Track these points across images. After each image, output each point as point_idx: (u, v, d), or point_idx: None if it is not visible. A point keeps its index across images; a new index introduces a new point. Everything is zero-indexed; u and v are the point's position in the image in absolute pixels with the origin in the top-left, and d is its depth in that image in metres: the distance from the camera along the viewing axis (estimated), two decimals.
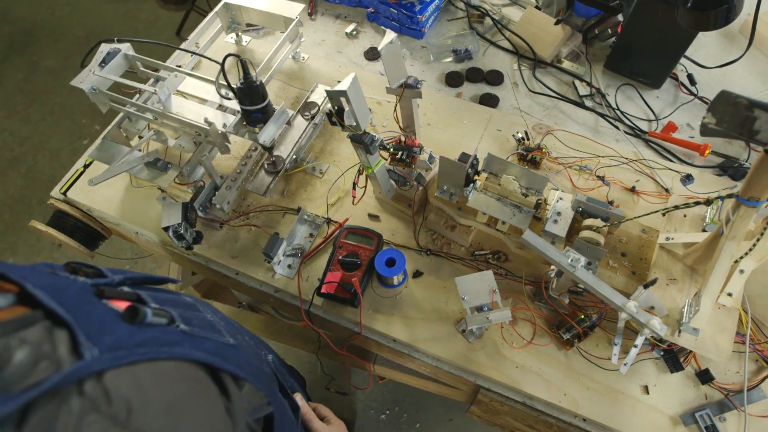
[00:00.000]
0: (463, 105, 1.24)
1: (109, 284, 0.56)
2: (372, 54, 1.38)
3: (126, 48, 1.07)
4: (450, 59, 1.37)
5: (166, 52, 1.25)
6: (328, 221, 1.06)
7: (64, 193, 1.16)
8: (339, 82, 1.26)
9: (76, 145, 2.59)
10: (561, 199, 0.97)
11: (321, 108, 1.19)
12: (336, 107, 0.84)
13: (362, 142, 0.88)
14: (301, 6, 1.23)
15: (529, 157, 1.12)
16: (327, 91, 0.82)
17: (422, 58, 1.37)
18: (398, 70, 0.93)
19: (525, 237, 0.85)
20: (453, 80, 1.32)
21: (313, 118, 1.15)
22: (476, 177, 1.00)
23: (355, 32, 1.42)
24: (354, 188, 1.03)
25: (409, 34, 1.41)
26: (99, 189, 1.15)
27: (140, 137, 1.09)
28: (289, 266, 1.01)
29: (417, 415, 1.81)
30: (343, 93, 0.81)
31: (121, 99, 1.03)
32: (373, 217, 1.07)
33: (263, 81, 0.98)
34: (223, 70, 0.95)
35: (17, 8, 3.19)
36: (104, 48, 1.06)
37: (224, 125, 1.00)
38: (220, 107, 1.04)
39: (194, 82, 1.08)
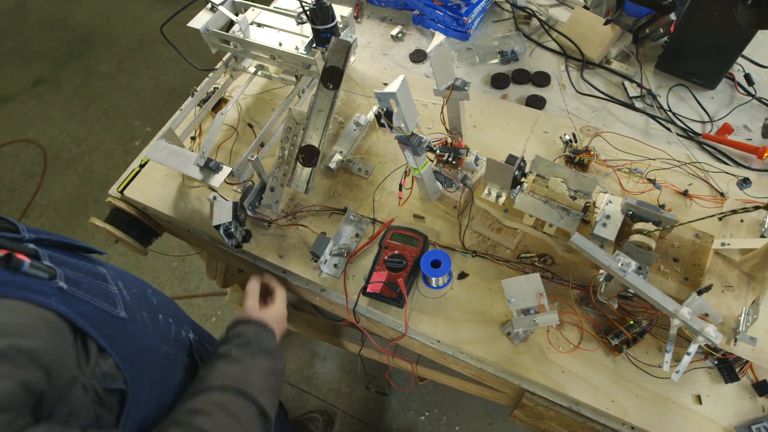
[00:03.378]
0: (510, 107, 1.23)
1: (11, 239, 0.67)
2: (417, 56, 1.39)
3: None
4: (496, 61, 1.36)
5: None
6: (374, 221, 1.07)
7: (121, 192, 1.21)
8: (385, 84, 1.28)
9: (129, 146, 2.70)
10: (610, 202, 0.96)
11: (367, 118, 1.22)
12: (385, 109, 0.85)
13: (409, 143, 0.89)
14: (348, 9, 1.25)
15: (577, 159, 1.10)
16: (376, 93, 0.84)
17: (468, 60, 1.37)
18: (446, 72, 0.93)
19: (574, 240, 0.84)
20: (499, 82, 1.31)
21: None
22: (523, 179, 0.99)
23: (400, 35, 1.44)
24: (400, 189, 1.04)
25: (454, 36, 1.41)
26: (153, 188, 1.19)
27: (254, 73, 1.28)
28: (335, 265, 1.02)
29: (456, 417, 1.80)
30: (393, 95, 0.82)
31: (228, 37, 1.18)
32: (419, 218, 1.07)
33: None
34: None
35: (75, 16, 3.34)
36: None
37: (296, 48, 1.13)
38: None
39: (273, 20, 1.23)
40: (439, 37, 0.88)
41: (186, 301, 2.14)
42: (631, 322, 0.91)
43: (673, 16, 1.26)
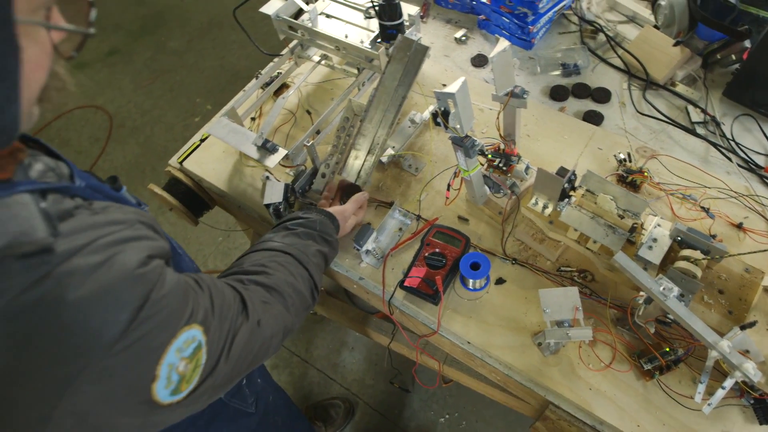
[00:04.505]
0: (566, 120, 1.23)
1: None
2: (479, 61, 1.39)
3: None
4: (557, 73, 1.36)
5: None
6: (419, 218, 1.09)
7: (181, 163, 1.27)
8: (444, 85, 1.30)
9: (188, 121, 2.80)
10: (659, 225, 0.94)
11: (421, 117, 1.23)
12: (442, 108, 0.87)
13: (463, 145, 0.90)
14: (416, 8, 1.26)
15: (629, 179, 1.09)
16: (436, 92, 0.85)
17: (529, 69, 1.37)
18: (507, 78, 0.94)
19: (617, 258, 0.83)
20: (558, 94, 1.31)
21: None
22: (572, 192, 0.99)
23: (464, 38, 1.45)
24: (448, 189, 1.05)
25: (518, 44, 1.41)
26: (211, 162, 1.25)
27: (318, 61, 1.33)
28: (376, 257, 1.05)
29: (476, 424, 1.80)
30: (452, 95, 0.83)
31: (293, 23, 1.22)
32: (463, 219, 1.08)
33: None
34: None
35: None
36: None
37: (361, 41, 1.16)
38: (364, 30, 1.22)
39: (341, 12, 1.27)
40: (503, 43, 0.89)
41: None
42: (667, 349, 0.89)
43: (747, 44, 1.22)
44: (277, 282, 0.82)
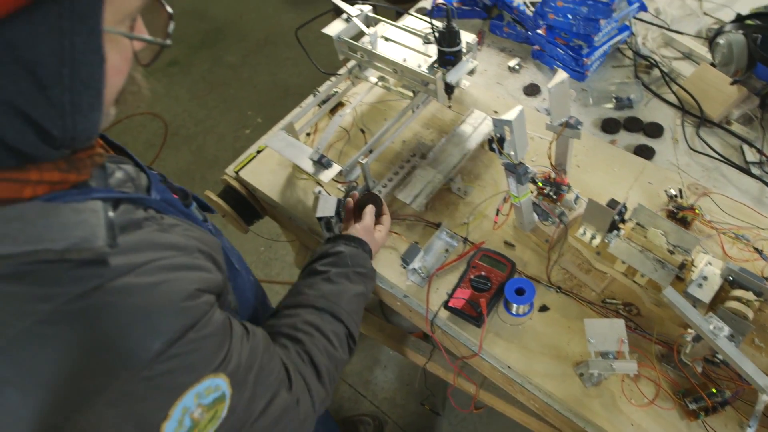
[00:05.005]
0: (616, 152, 1.23)
1: (169, 181, 0.79)
2: (531, 90, 1.41)
3: (368, 9, 1.31)
4: (609, 105, 1.36)
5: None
6: (465, 241, 1.11)
7: (237, 172, 1.33)
8: (495, 112, 1.32)
9: (239, 132, 2.90)
10: (710, 264, 0.94)
11: (472, 134, 1.26)
12: (498, 135, 0.89)
13: (516, 171, 0.92)
14: (473, 36, 1.30)
15: (680, 215, 1.08)
16: (493, 119, 0.88)
17: (581, 100, 1.38)
18: (562, 109, 0.96)
19: (666, 293, 0.83)
20: (609, 126, 1.31)
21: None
22: (621, 225, 0.99)
23: (517, 67, 1.47)
24: (497, 214, 1.07)
25: (571, 75, 1.43)
26: (266, 173, 1.30)
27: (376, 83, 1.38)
28: (421, 276, 1.07)
29: None
30: (509, 123, 0.86)
31: (353, 45, 1.26)
32: (509, 245, 1.10)
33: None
34: (431, 17, 1.18)
35: (214, 9, 3.65)
36: (353, 10, 1.31)
37: (419, 66, 1.18)
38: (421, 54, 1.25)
39: (400, 36, 1.30)
40: (561, 75, 0.91)
41: (266, 285, 2.26)
42: (714, 390, 0.88)
43: None
44: (316, 354, 0.79)
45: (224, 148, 2.84)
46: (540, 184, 1.03)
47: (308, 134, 1.34)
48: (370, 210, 1.08)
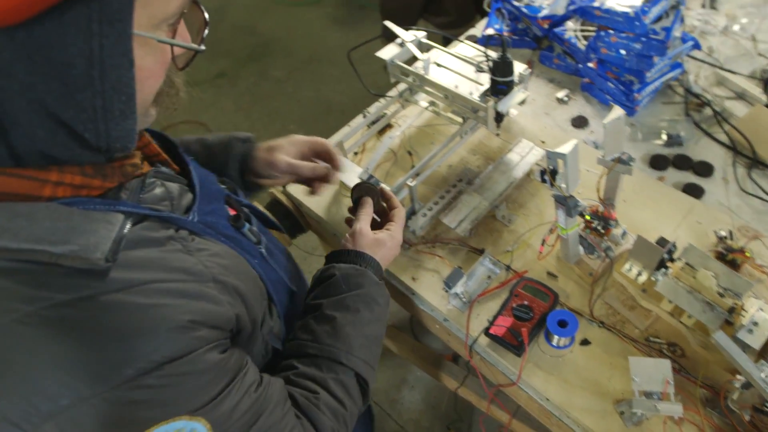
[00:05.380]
0: (664, 190, 1.22)
1: (235, 199, 0.79)
2: (579, 122, 1.42)
3: (421, 35, 1.34)
4: (659, 142, 1.36)
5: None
6: (508, 268, 1.11)
7: (284, 186, 1.36)
8: (542, 142, 1.33)
9: None
10: (761, 309, 0.92)
11: (519, 162, 1.27)
12: (551, 167, 0.90)
13: (566, 204, 0.93)
14: (524, 66, 1.31)
15: (729, 257, 1.07)
16: (547, 151, 0.89)
17: (630, 135, 1.38)
18: (616, 144, 0.96)
19: (717, 337, 0.82)
20: (657, 163, 1.31)
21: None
22: (669, 264, 0.98)
23: (566, 98, 1.48)
24: (542, 244, 1.07)
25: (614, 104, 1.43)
26: (304, 197, 1.33)
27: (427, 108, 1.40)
28: (463, 301, 1.07)
29: None
30: (563, 156, 0.87)
31: (406, 69, 1.28)
32: (552, 275, 1.10)
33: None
34: (486, 46, 1.19)
35: (263, 25, 3.76)
36: (407, 35, 1.33)
37: (471, 93, 1.19)
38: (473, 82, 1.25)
39: (451, 63, 1.31)
40: (617, 111, 0.92)
41: None
42: None
43: None
44: (318, 418, 0.68)
45: None
46: (588, 217, 1.03)
47: (356, 153, 1.37)
48: (365, 209, 0.93)
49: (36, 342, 0.47)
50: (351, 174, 1.17)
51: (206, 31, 0.59)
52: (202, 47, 0.59)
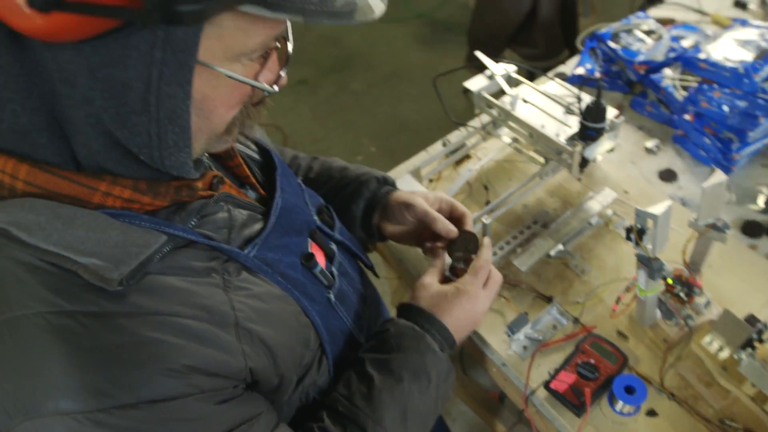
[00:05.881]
0: (757, 260, 1.14)
1: (326, 233, 0.74)
2: (666, 175, 1.35)
3: (512, 69, 1.33)
4: (754, 207, 1.27)
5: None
6: (576, 321, 1.07)
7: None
8: (626, 192, 1.28)
9: (352, 158, 3.00)
10: None
11: (599, 211, 1.22)
12: (639, 226, 0.86)
13: (650, 266, 0.88)
14: (615, 111, 1.27)
15: None
16: (637, 209, 0.85)
17: None
18: (712, 210, 0.91)
19: None
20: (751, 230, 1.22)
21: None
22: (757, 344, 0.91)
23: (655, 149, 1.42)
24: (616, 302, 1.02)
25: (715, 166, 1.35)
26: None
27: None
28: (525, 348, 1.04)
29: None
30: (654, 216, 0.83)
31: (493, 102, 1.27)
32: (622, 335, 1.04)
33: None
34: (579, 90, 1.17)
35: (348, 38, 3.84)
36: (497, 68, 1.33)
37: (557, 134, 1.16)
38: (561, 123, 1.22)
39: (540, 101, 1.28)
40: (719, 176, 0.87)
41: None
42: None
43: None
44: None
45: None
46: (670, 281, 0.98)
47: (431, 181, 1.37)
48: (437, 259, 0.83)
49: (34, 343, 0.47)
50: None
51: (283, 73, 0.57)
52: (275, 88, 0.56)
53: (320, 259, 0.70)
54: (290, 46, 0.57)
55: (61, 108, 0.46)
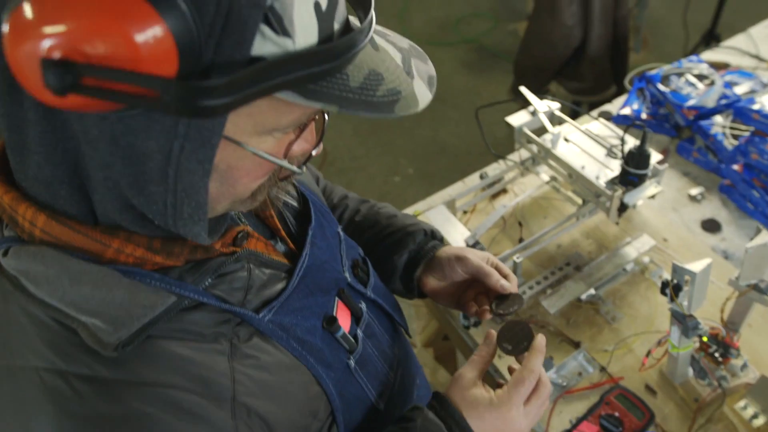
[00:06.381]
0: None
1: (357, 290, 0.69)
2: (710, 226, 1.31)
3: (555, 107, 1.32)
4: None
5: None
6: (602, 370, 1.04)
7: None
8: (665, 240, 1.24)
9: (389, 178, 3.02)
10: None
11: (635, 258, 1.19)
12: (675, 281, 0.84)
13: (684, 323, 0.85)
14: (659, 156, 1.24)
15: None
16: (675, 265, 0.82)
17: None
18: (756, 270, 0.88)
19: None
20: None
21: None
22: None
23: (699, 197, 1.37)
24: (647, 356, 0.99)
25: (761, 220, 1.30)
26: None
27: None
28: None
29: None
30: (692, 274, 0.80)
31: (534, 139, 1.27)
32: (650, 390, 1.01)
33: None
34: (624, 133, 1.14)
35: None
36: (541, 105, 1.32)
37: (597, 177, 1.15)
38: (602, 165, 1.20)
39: (581, 140, 1.27)
40: (765, 236, 0.84)
41: None
42: None
43: None
44: None
45: (372, 189, 2.97)
46: (706, 339, 0.94)
47: (465, 212, 1.36)
48: (481, 349, 0.73)
49: (26, 397, 0.46)
50: (457, 236, 1.15)
51: (315, 151, 0.54)
52: (303, 169, 0.52)
53: (345, 321, 0.65)
54: (327, 119, 0.54)
55: (83, 165, 0.45)
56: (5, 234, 0.50)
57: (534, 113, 1.32)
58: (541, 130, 1.31)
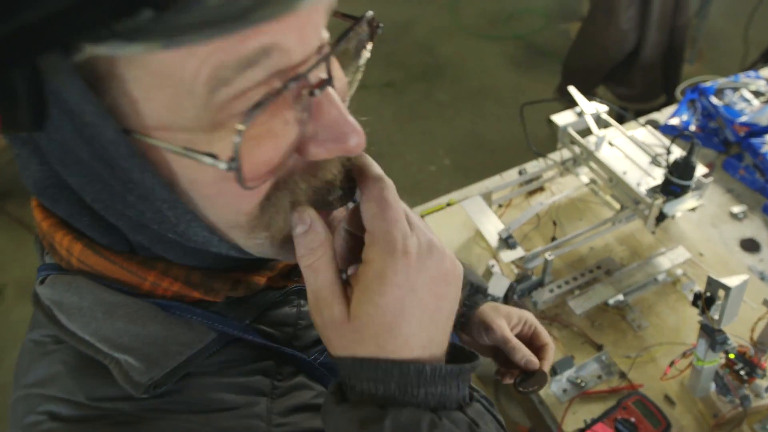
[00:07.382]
0: None
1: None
2: (750, 245, 1.29)
3: (603, 110, 1.31)
4: None
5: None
6: (622, 375, 1.04)
7: (423, 216, 1.39)
8: (701, 254, 1.23)
9: (424, 166, 3.03)
10: None
11: (669, 268, 1.18)
12: (708, 294, 0.83)
13: (712, 337, 0.85)
14: (704, 170, 1.22)
15: None
16: (710, 277, 0.82)
17: None
18: None
19: None
20: None
21: None
22: None
23: (741, 215, 1.35)
24: (670, 365, 0.99)
25: None
26: (447, 227, 1.34)
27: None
28: (565, 390, 1.03)
29: None
30: (727, 288, 0.80)
31: (578, 140, 1.26)
32: (669, 400, 1.01)
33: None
34: (672, 143, 1.14)
35: (442, 48, 3.87)
36: (589, 107, 1.31)
37: (638, 184, 1.14)
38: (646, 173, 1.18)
39: (626, 146, 1.25)
40: None
41: None
42: None
43: None
44: None
45: (406, 176, 2.98)
46: (732, 356, 0.94)
47: (500, 206, 1.37)
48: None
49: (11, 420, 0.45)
50: (491, 228, 1.16)
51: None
52: (247, 184, 0.36)
53: None
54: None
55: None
56: (46, 261, 0.48)
57: (580, 114, 1.32)
58: (585, 132, 1.30)
